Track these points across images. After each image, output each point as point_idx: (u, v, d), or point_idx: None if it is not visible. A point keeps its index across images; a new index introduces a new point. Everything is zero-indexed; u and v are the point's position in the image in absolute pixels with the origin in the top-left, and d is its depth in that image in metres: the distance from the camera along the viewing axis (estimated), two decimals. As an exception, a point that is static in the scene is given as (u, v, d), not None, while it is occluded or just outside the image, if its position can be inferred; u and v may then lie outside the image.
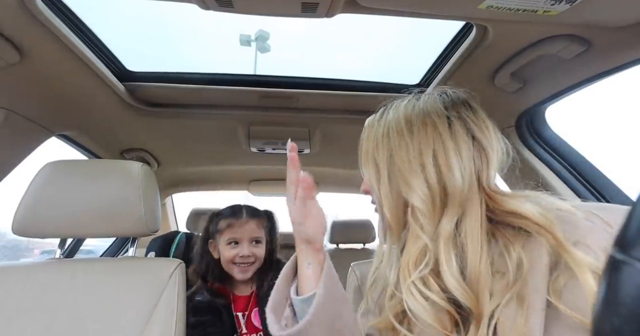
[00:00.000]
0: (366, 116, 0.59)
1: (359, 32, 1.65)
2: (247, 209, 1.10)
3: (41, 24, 0.74)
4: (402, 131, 0.53)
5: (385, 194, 0.52)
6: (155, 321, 0.79)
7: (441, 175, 0.49)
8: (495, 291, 0.44)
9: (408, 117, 0.54)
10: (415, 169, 0.50)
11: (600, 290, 0.19)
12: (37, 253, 2.92)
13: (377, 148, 0.54)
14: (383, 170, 0.53)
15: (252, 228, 1.06)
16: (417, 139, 0.51)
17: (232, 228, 1.05)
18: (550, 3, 0.60)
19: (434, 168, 0.49)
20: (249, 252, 1.03)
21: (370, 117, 0.61)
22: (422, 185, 0.49)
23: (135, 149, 1.50)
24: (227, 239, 1.05)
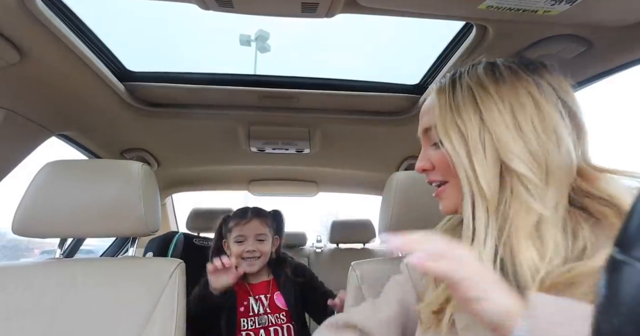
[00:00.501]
0: (366, 116, 0.59)
1: (359, 32, 1.65)
2: (253, 210, 1.25)
3: (41, 24, 0.74)
4: (490, 94, 0.47)
5: (479, 163, 0.46)
6: (155, 321, 0.79)
7: (544, 146, 0.44)
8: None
9: (493, 80, 0.48)
10: (514, 135, 0.45)
11: (600, 290, 0.19)
12: (37, 253, 2.92)
13: (461, 113, 0.48)
14: (474, 136, 0.46)
15: (256, 226, 1.19)
16: (508, 104, 0.46)
17: (238, 227, 1.19)
18: (550, 3, 0.60)
19: (536, 137, 0.44)
20: (253, 247, 1.16)
21: (434, 85, 0.55)
22: (525, 152, 0.44)
23: (135, 149, 1.50)
24: (234, 237, 1.18)
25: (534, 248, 0.42)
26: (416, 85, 1.15)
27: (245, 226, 1.18)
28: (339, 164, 1.75)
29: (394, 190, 0.89)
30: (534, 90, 0.47)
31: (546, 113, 0.46)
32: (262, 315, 1.14)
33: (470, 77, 0.51)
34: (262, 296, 1.17)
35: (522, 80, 0.48)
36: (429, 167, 0.55)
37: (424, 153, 0.57)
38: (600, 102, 4.47)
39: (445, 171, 0.52)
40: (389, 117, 1.26)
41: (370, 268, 0.88)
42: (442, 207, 0.56)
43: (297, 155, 1.55)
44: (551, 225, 0.43)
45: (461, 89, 0.50)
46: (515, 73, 0.49)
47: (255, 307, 1.15)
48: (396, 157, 1.59)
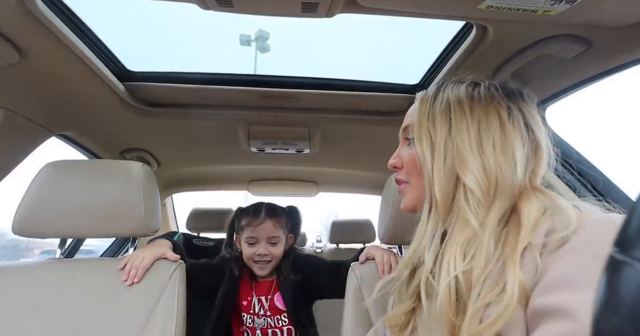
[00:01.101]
0: (366, 116, 0.60)
1: (359, 32, 1.65)
2: (267, 208, 1.15)
3: (41, 24, 0.74)
4: (464, 111, 0.52)
5: (438, 170, 0.51)
6: (155, 321, 0.79)
7: (499, 165, 0.48)
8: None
9: (470, 98, 0.53)
10: (474, 151, 0.49)
11: (600, 290, 0.19)
12: (37, 253, 2.93)
13: (435, 123, 0.53)
14: (439, 145, 0.52)
15: (269, 228, 1.11)
16: (477, 122, 0.51)
17: (250, 228, 1.11)
18: (550, 3, 0.60)
19: (493, 156, 0.49)
20: (265, 251, 1.10)
21: (421, 92, 0.60)
22: (480, 169, 0.48)
23: (135, 149, 1.50)
24: (246, 237, 1.12)
25: (460, 260, 0.46)
26: (416, 85, 1.15)
27: (257, 228, 1.11)
28: (339, 164, 1.75)
29: (394, 190, 0.89)
30: (504, 113, 0.51)
31: (509, 136, 0.50)
32: (261, 316, 1.12)
33: (452, 91, 0.56)
34: (262, 298, 1.14)
35: (495, 102, 0.52)
36: (399, 165, 0.61)
37: (398, 151, 0.63)
38: (600, 102, 4.49)
39: (410, 171, 0.58)
40: (389, 117, 1.26)
41: (370, 269, 0.88)
42: (402, 204, 0.62)
43: (297, 155, 1.55)
44: (485, 241, 0.45)
45: (441, 101, 0.55)
46: (492, 95, 0.54)
47: (257, 307, 1.13)
48: (396, 157, 1.59)
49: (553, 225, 0.42)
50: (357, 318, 0.82)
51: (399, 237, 0.90)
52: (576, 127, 1.33)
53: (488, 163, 0.48)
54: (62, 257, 0.93)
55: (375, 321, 0.80)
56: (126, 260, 0.86)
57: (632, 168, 1.17)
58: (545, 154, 0.51)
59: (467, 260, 0.45)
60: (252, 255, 1.10)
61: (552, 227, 0.42)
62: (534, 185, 0.50)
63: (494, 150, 0.49)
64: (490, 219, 0.46)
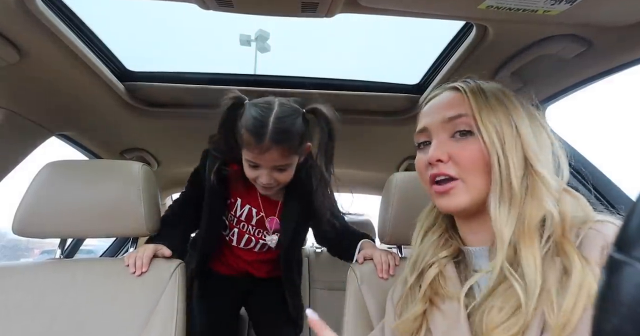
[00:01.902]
0: (366, 116, 0.59)
1: (359, 32, 1.65)
2: (274, 129, 0.82)
3: (41, 24, 0.74)
4: (514, 103, 0.54)
5: (512, 160, 0.50)
6: (155, 321, 0.79)
7: (550, 155, 0.52)
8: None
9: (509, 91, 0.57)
10: (535, 142, 0.52)
11: (600, 290, 0.19)
12: (37, 253, 2.92)
13: (496, 112, 0.53)
14: (508, 136, 0.51)
15: (274, 158, 0.86)
16: (527, 113, 0.54)
17: (251, 150, 0.86)
18: (550, 3, 0.60)
19: (548, 144, 0.53)
20: (269, 179, 0.89)
21: (460, 83, 0.58)
22: (545, 157, 0.51)
23: (135, 149, 1.50)
24: (245, 159, 0.90)
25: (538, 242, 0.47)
26: (416, 85, 1.15)
27: (260, 154, 0.85)
28: (339, 164, 1.74)
29: (394, 190, 0.89)
30: (533, 110, 0.56)
31: (543, 130, 0.54)
32: (240, 221, 1.05)
33: (491, 86, 0.57)
34: (254, 210, 1.03)
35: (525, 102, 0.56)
36: (446, 158, 0.53)
37: (439, 144, 0.55)
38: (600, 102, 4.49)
39: (469, 168, 0.52)
40: (389, 117, 1.26)
41: (370, 269, 0.88)
42: (446, 203, 0.54)
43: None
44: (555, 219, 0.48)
45: (490, 94, 0.55)
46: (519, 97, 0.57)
47: (239, 211, 1.04)
48: (396, 157, 1.59)
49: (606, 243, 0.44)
50: (357, 318, 0.82)
51: (399, 237, 0.90)
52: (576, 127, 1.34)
53: (547, 154, 0.52)
54: (62, 257, 0.93)
55: (375, 321, 0.80)
56: (129, 257, 0.86)
57: (632, 168, 1.16)
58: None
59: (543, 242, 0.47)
60: (254, 178, 0.92)
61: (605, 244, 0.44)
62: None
63: (545, 143, 0.53)
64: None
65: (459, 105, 0.55)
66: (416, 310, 0.56)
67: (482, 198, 0.52)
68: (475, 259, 0.56)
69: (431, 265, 0.58)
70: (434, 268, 0.57)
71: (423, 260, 0.60)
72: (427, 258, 0.59)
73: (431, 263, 0.58)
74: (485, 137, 0.51)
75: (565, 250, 0.44)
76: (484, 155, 0.51)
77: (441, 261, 0.57)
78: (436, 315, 0.55)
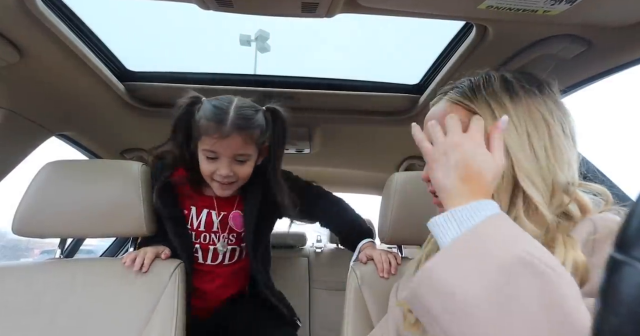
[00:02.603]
0: (366, 116, 0.59)
1: (359, 32, 1.65)
2: (237, 117, 0.82)
3: (41, 24, 0.74)
4: (509, 113, 0.51)
5: (535, 169, 0.49)
6: (155, 321, 0.79)
7: (552, 167, 0.49)
8: None
9: (508, 96, 0.53)
10: (528, 156, 0.49)
11: (600, 289, 0.19)
12: (37, 253, 2.92)
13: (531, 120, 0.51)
14: (538, 146, 0.49)
15: (237, 145, 0.83)
16: (524, 124, 0.51)
17: (211, 139, 0.82)
18: (550, 3, 0.60)
19: (545, 157, 0.49)
20: (228, 171, 0.85)
21: (452, 93, 0.57)
22: (536, 173, 0.48)
23: (135, 149, 1.50)
24: (203, 149, 0.85)
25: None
26: (416, 85, 1.15)
27: (220, 142, 0.82)
28: (339, 164, 1.75)
29: (394, 190, 0.89)
30: (547, 113, 0.51)
31: (555, 137, 0.50)
32: (200, 232, 0.96)
33: (487, 92, 0.54)
34: (212, 212, 0.96)
35: (536, 102, 0.52)
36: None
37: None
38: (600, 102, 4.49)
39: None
40: (389, 117, 1.26)
41: (370, 268, 0.88)
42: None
43: (297, 155, 1.55)
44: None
45: (482, 101, 0.53)
46: (529, 93, 0.52)
47: (196, 221, 0.95)
48: (396, 157, 1.59)
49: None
50: (357, 318, 0.82)
51: (399, 237, 0.90)
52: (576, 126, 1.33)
53: (543, 169, 0.49)
54: (62, 257, 0.93)
55: (375, 321, 0.80)
56: (128, 256, 0.85)
57: (632, 168, 1.16)
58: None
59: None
60: (211, 174, 0.87)
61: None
62: (574, 180, 0.51)
63: (547, 154, 0.50)
64: (545, 221, 0.47)
65: (443, 117, 0.55)
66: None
67: None
68: None
69: None
70: None
71: (426, 251, 0.61)
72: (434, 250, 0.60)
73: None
74: (512, 145, 0.51)
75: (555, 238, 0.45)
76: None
77: None
78: None
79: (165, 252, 0.89)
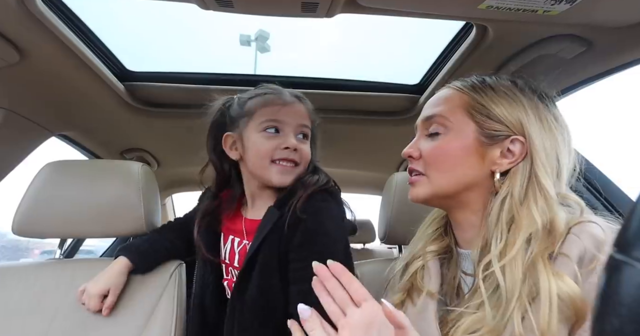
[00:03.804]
0: (366, 116, 0.59)
1: (359, 32, 1.65)
2: (290, 92, 0.77)
3: (41, 24, 0.74)
4: (557, 117, 0.54)
5: (545, 157, 0.50)
6: (155, 321, 0.79)
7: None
8: None
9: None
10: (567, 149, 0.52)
11: (600, 290, 0.19)
12: (37, 253, 2.92)
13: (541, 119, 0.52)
14: (548, 138, 0.51)
15: (301, 113, 0.74)
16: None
17: (271, 108, 0.72)
18: (550, 3, 0.60)
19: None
20: (295, 141, 0.72)
21: (504, 81, 0.57)
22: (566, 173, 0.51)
23: (135, 149, 1.50)
24: (262, 123, 0.72)
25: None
26: (416, 85, 1.15)
27: (284, 109, 0.72)
28: (339, 164, 1.75)
29: (394, 190, 0.89)
30: (552, 118, 0.53)
31: (555, 145, 0.51)
32: (229, 265, 0.78)
33: (494, 81, 0.56)
34: (237, 239, 0.78)
35: (542, 106, 0.53)
36: (417, 155, 0.58)
37: (415, 142, 0.59)
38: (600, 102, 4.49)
39: (430, 164, 0.55)
40: (389, 117, 1.26)
41: (370, 268, 0.88)
42: (410, 193, 0.58)
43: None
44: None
45: (492, 88, 0.55)
46: (540, 99, 0.54)
47: (227, 253, 0.78)
48: (396, 157, 1.59)
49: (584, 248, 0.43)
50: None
51: (399, 236, 0.90)
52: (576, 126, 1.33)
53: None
54: (62, 257, 0.93)
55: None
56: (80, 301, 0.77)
57: (632, 168, 1.16)
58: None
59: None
60: (273, 150, 0.71)
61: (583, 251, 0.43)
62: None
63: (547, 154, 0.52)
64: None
65: (438, 105, 0.57)
66: (394, 298, 0.58)
67: (448, 195, 0.54)
68: (464, 261, 0.57)
69: (418, 257, 0.59)
70: (418, 261, 0.58)
71: (411, 252, 0.62)
72: (416, 250, 0.61)
73: (418, 255, 0.59)
74: (455, 134, 0.54)
75: (537, 266, 0.44)
76: (447, 153, 0.53)
77: (426, 256, 0.58)
78: (409, 308, 0.56)
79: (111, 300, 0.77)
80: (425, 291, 0.54)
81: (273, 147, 0.71)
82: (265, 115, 0.72)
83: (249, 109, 0.74)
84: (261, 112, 0.73)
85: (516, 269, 0.44)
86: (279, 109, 0.72)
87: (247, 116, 0.74)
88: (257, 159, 0.73)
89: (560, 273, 0.42)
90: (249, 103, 0.75)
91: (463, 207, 0.55)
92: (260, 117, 0.73)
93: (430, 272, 0.57)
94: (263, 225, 0.70)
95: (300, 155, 0.73)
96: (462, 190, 0.53)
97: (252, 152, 0.73)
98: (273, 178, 0.72)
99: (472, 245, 0.54)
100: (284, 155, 0.72)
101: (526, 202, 0.48)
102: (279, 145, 0.71)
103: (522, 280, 0.44)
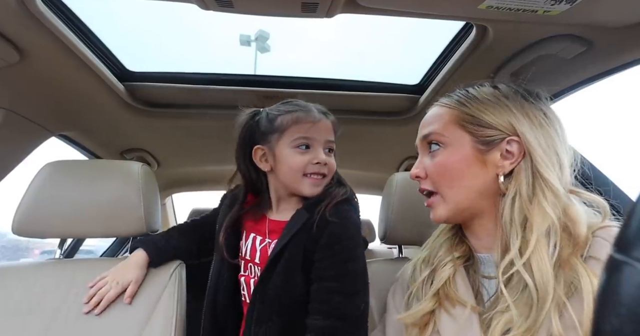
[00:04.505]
0: (366, 116, 0.59)
1: (359, 32, 1.65)
2: (317, 108, 0.82)
3: (41, 24, 0.74)
4: (547, 115, 0.55)
5: (545, 156, 0.52)
6: (154, 321, 0.79)
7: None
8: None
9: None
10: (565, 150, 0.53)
11: (600, 290, 0.19)
12: (37, 253, 2.92)
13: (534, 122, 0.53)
14: (548, 143, 0.52)
15: (328, 129, 0.81)
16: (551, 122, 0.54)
17: (302, 126, 0.77)
18: (550, 3, 0.60)
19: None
20: (324, 156, 0.79)
21: (486, 88, 0.58)
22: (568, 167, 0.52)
23: (135, 149, 1.50)
24: (294, 140, 0.77)
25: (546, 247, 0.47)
26: (416, 85, 1.15)
27: (314, 127, 0.77)
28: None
29: (394, 190, 0.89)
30: (543, 117, 0.54)
31: (550, 140, 0.52)
32: (249, 263, 0.82)
33: (481, 91, 0.57)
34: (258, 238, 0.82)
35: (532, 107, 0.54)
36: (423, 174, 0.59)
37: (419, 162, 0.61)
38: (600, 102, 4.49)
39: (437, 181, 0.57)
40: (389, 117, 1.26)
41: (370, 268, 0.88)
42: (432, 215, 0.59)
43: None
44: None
45: (480, 99, 0.56)
46: (525, 98, 0.55)
47: (248, 250, 0.82)
48: (396, 157, 1.59)
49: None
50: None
51: (399, 237, 0.90)
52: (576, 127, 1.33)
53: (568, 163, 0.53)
54: (62, 257, 0.93)
55: (376, 321, 0.80)
56: (96, 286, 0.79)
57: (632, 168, 1.16)
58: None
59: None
60: (305, 165, 0.77)
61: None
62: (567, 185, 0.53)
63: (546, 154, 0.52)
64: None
65: (431, 123, 0.58)
66: (425, 306, 0.56)
67: (465, 207, 0.55)
68: (483, 266, 0.56)
69: (446, 264, 0.58)
70: (449, 268, 0.58)
71: (436, 256, 0.61)
72: (440, 255, 0.60)
73: (446, 262, 0.59)
74: (453, 148, 0.55)
75: (571, 263, 0.44)
76: (449, 167, 0.55)
77: (456, 262, 0.58)
78: (445, 318, 0.55)
79: (131, 287, 0.80)
80: (465, 303, 0.53)
81: (305, 163, 0.77)
82: (296, 133, 0.78)
83: (280, 126, 0.79)
84: (292, 130, 0.78)
85: (543, 265, 0.45)
86: (309, 127, 0.78)
87: (277, 132, 0.79)
88: (289, 172, 0.78)
89: (597, 273, 0.42)
90: (279, 120, 0.79)
91: (478, 216, 0.56)
92: (292, 134, 0.78)
93: (460, 282, 0.56)
94: (292, 224, 0.75)
95: (328, 168, 0.81)
96: (475, 199, 0.54)
97: (284, 165, 0.79)
98: (305, 189, 0.78)
99: (490, 249, 0.55)
100: (315, 170, 0.78)
101: (535, 198, 0.49)
102: (310, 160, 0.77)
103: (554, 277, 0.44)
